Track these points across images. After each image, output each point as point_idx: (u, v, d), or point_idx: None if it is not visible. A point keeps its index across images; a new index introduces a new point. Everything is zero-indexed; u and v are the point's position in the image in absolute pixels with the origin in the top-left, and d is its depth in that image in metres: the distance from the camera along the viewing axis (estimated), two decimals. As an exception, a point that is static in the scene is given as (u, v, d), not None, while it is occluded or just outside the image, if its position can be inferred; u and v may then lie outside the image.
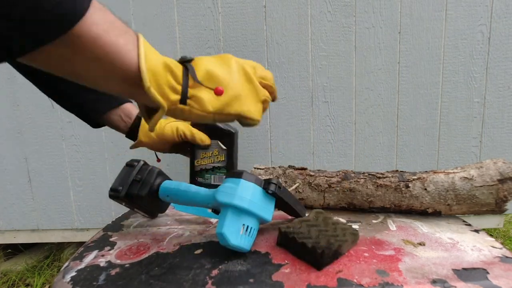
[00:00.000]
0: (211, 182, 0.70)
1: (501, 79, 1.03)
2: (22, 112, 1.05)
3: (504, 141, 1.06)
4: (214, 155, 0.68)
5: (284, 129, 1.07)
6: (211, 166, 0.69)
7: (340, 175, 0.62)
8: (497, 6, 0.99)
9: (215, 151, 0.68)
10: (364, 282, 0.39)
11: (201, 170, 0.70)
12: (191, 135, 0.62)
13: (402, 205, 0.59)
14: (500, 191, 0.53)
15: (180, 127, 0.62)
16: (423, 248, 0.47)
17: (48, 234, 1.16)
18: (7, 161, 1.09)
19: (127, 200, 0.53)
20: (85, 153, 1.08)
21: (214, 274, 0.41)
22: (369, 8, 1.00)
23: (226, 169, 0.69)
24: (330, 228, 0.48)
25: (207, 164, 0.69)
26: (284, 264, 0.44)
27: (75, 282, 0.41)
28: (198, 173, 0.71)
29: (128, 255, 0.48)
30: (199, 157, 0.70)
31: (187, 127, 0.63)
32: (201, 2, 1.00)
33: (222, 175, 0.68)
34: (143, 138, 0.59)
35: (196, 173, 0.71)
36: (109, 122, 0.58)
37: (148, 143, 0.61)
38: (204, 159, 0.69)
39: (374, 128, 1.07)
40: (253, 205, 0.45)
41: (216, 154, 0.68)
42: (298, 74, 1.04)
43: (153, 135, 0.59)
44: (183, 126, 0.63)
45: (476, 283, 0.38)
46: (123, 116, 0.57)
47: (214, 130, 0.67)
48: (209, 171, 0.70)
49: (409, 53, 1.02)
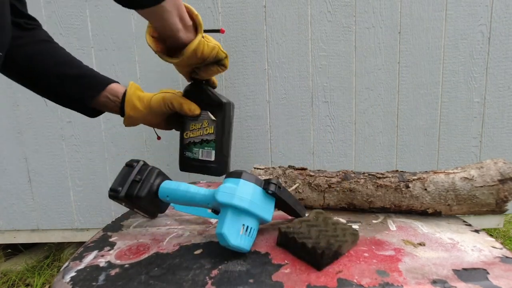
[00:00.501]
0: (198, 156, 0.65)
1: (501, 79, 1.03)
2: (22, 112, 1.05)
3: (504, 141, 1.06)
4: (204, 127, 0.64)
5: (284, 129, 1.07)
6: (200, 139, 0.65)
7: (340, 175, 0.62)
8: (497, 6, 0.99)
9: (205, 123, 0.64)
10: (364, 282, 0.38)
11: (189, 144, 0.66)
12: (178, 104, 0.60)
13: (402, 205, 0.59)
14: (500, 191, 0.53)
15: (167, 96, 0.60)
16: (423, 248, 0.47)
17: (48, 234, 1.16)
18: (7, 161, 1.09)
19: (127, 200, 0.53)
20: (85, 153, 1.08)
21: (214, 275, 0.41)
22: (369, 8, 1.00)
23: (215, 143, 0.64)
24: (330, 228, 0.47)
25: (196, 136, 0.65)
26: (284, 264, 0.44)
27: (75, 282, 0.41)
28: (187, 146, 0.66)
29: (127, 255, 0.48)
30: (188, 129, 0.65)
31: (175, 97, 0.61)
32: (201, 2, 1.00)
33: (211, 149, 0.64)
34: (131, 112, 0.59)
35: (185, 146, 0.67)
36: (100, 105, 0.59)
37: (138, 117, 0.61)
38: (193, 131, 0.65)
39: (374, 128, 1.06)
40: (253, 205, 0.45)
41: (205, 126, 0.64)
42: (298, 74, 1.04)
43: (141, 108, 0.59)
44: (171, 96, 0.61)
45: (476, 283, 0.38)
46: (110, 96, 0.59)
47: (205, 99, 0.63)
48: (197, 144, 0.65)
49: (409, 53, 1.02)
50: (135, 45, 1.02)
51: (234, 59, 1.03)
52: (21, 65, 0.53)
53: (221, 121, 0.63)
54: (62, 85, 0.56)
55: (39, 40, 0.55)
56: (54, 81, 0.56)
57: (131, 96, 0.59)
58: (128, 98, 0.59)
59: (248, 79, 1.04)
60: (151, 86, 1.04)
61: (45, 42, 0.56)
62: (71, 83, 0.56)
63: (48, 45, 0.57)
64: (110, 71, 1.03)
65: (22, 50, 0.52)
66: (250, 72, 1.03)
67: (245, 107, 1.05)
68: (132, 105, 0.59)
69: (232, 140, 0.67)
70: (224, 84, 1.04)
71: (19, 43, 0.52)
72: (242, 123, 1.06)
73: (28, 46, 0.53)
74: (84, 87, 0.57)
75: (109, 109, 0.60)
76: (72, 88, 0.56)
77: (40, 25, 0.57)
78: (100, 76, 0.59)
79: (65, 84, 0.56)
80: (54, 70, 0.55)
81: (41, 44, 0.55)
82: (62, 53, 0.58)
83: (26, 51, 0.53)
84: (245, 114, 1.06)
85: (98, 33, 1.01)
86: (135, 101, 0.59)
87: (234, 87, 1.05)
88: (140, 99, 0.59)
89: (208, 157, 0.64)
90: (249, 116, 1.06)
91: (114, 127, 1.06)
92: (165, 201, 0.54)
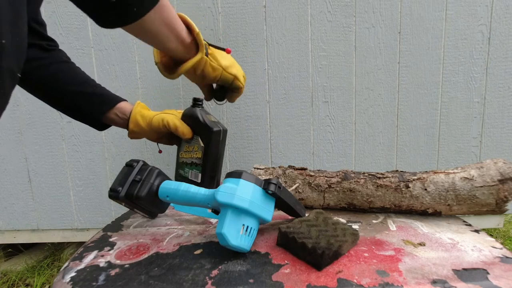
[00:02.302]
0: (188, 177, 0.69)
1: (501, 79, 1.03)
2: (22, 112, 1.05)
3: (504, 141, 1.06)
4: (194, 150, 0.67)
5: (284, 129, 1.07)
6: (190, 161, 0.68)
7: (340, 175, 0.62)
8: (497, 6, 0.99)
9: (196, 147, 0.67)
10: (364, 282, 0.38)
11: (182, 163, 0.71)
12: (174, 125, 0.65)
13: (402, 205, 0.59)
14: (500, 192, 0.53)
15: (166, 117, 0.66)
16: (423, 248, 0.47)
17: (48, 234, 1.16)
18: (7, 161, 1.09)
19: (127, 200, 0.53)
20: (85, 153, 1.08)
21: (214, 275, 0.41)
22: (369, 8, 1.00)
23: (202, 167, 0.66)
24: (330, 228, 0.47)
25: (187, 158, 0.69)
26: (284, 264, 0.44)
27: (75, 282, 0.41)
28: (180, 165, 0.71)
29: (127, 256, 0.48)
30: (183, 150, 0.70)
31: (173, 119, 0.66)
32: (201, 2, 1.00)
33: (198, 172, 0.67)
34: (134, 128, 0.66)
35: (179, 165, 0.72)
36: (108, 120, 0.66)
37: (139, 132, 0.67)
38: (186, 152, 0.69)
39: (374, 128, 1.06)
40: (253, 205, 0.45)
41: (196, 150, 0.67)
42: (298, 74, 1.04)
43: (143, 125, 0.65)
44: (169, 117, 0.66)
45: (476, 283, 0.38)
46: (119, 114, 0.65)
47: (199, 125, 0.66)
48: (188, 165, 0.69)
49: (409, 53, 1.02)
50: (135, 45, 1.02)
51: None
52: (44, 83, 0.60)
53: (209, 148, 0.66)
54: (77, 101, 0.62)
55: (61, 61, 0.62)
56: (70, 97, 0.62)
57: (135, 114, 0.65)
58: (132, 116, 0.65)
59: (248, 79, 1.04)
60: (150, 86, 1.04)
61: (65, 63, 0.63)
62: (85, 100, 0.63)
63: (68, 65, 0.63)
64: (110, 71, 1.03)
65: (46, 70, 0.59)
66: (250, 72, 1.03)
67: (245, 107, 1.05)
68: (135, 122, 0.65)
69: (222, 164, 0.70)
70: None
71: (43, 63, 0.59)
72: (242, 123, 1.06)
73: (51, 66, 0.60)
74: (96, 104, 0.64)
75: (117, 124, 0.67)
76: (86, 104, 0.63)
77: (58, 45, 0.63)
78: (111, 95, 0.66)
79: (81, 100, 0.62)
80: (72, 88, 0.62)
81: (62, 65, 0.62)
82: (79, 72, 0.64)
83: (49, 71, 0.59)
84: (245, 114, 1.06)
85: (98, 33, 1.01)
86: (138, 119, 0.65)
87: (234, 87, 1.04)
88: (143, 117, 0.66)
89: (196, 179, 0.68)
90: (249, 116, 1.06)
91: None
92: (165, 201, 0.54)
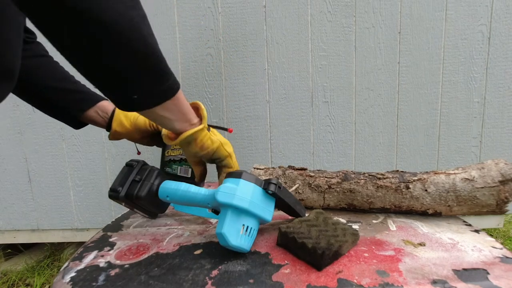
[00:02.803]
0: (177, 173, 0.70)
1: (501, 79, 1.03)
2: (22, 112, 1.05)
3: (504, 141, 1.06)
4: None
5: (284, 129, 1.07)
6: (179, 158, 0.70)
7: (340, 175, 0.62)
8: (497, 6, 0.99)
9: None
10: (364, 282, 0.38)
11: (169, 161, 0.72)
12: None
13: (403, 206, 0.59)
14: (501, 193, 0.53)
15: None
16: (423, 248, 0.47)
17: (48, 234, 1.16)
18: (7, 161, 1.09)
19: (127, 200, 0.53)
20: (85, 153, 1.08)
21: (214, 275, 0.41)
22: (369, 8, 1.00)
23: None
24: (330, 228, 0.47)
25: (175, 155, 0.71)
26: (284, 264, 0.43)
27: (75, 282, 0.41)
28: (167, 163, 0.72)
29: (127, 256, 0.48)
30: (170, 148, 0.72)
31: None
32: (201, 2, 1.00)
33: (188, 167, 0.69)
34: (117, 128, 0.64)
35: (165, 163, 0.73)
36: (89, 119, 0.63)
37: (123, 132, 0.65)
38: (174, 150, 0.71)
39: (374, 128, 1.06)
40: (253, 205, 0.45)
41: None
42: (298, 74, 1.04)
43: (127, 125, 0.64)
44: None
45: (476, 283, 0.38)
46: (100, 112, 0.63)
47: None
48: (177, 162, 0.70)
49: (409, 53, 1.02)
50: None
51: (234, 59, 1.03)
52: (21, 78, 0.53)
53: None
54: (55, 97, 0.59)
55: (40, 55, 0.59)
56: (48, 93, 0.59)
57: (119, 113, 0.64)
58: (116, 115, 0.63)
59: (248, 79, 1.04)
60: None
61: (44, 57, 0.60)
62: (64, 96, 0.60)
63: (47, 59, 0.60)
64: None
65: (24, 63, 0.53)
66: (250, 72, 1.03)
67: (245, 107, 1.05)
68: (119, 121, 0.64)
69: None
70: (224, 84, 1.04)
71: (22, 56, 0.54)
72: (242, 123, 1.06)
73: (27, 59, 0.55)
74: (76, 101, 0.61)
75: (96, 123, 0.64)
76: (64, 101, 0.60)
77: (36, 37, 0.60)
78: (92, 93, 0.63)
79: (59, 97, 0.59)
80: (52, 83, 0.59)
81: (40, 59, 0.58)
82: (58, 67, 0.61)
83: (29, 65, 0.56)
84: (245, 114, 1.06)
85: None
86: (122, 118, 0.63)
87: (234, 87, 1.04)
88: (126, 116, 0.64)
89: (186, 174, 0.69)
90: (249, 116, 1.06)
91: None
92: (165, 201, 0.54)
